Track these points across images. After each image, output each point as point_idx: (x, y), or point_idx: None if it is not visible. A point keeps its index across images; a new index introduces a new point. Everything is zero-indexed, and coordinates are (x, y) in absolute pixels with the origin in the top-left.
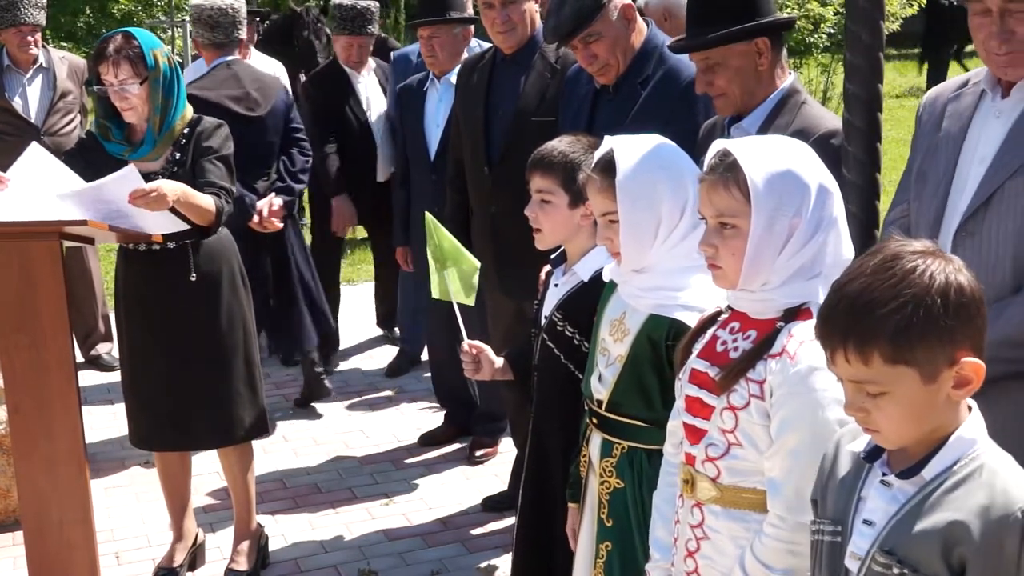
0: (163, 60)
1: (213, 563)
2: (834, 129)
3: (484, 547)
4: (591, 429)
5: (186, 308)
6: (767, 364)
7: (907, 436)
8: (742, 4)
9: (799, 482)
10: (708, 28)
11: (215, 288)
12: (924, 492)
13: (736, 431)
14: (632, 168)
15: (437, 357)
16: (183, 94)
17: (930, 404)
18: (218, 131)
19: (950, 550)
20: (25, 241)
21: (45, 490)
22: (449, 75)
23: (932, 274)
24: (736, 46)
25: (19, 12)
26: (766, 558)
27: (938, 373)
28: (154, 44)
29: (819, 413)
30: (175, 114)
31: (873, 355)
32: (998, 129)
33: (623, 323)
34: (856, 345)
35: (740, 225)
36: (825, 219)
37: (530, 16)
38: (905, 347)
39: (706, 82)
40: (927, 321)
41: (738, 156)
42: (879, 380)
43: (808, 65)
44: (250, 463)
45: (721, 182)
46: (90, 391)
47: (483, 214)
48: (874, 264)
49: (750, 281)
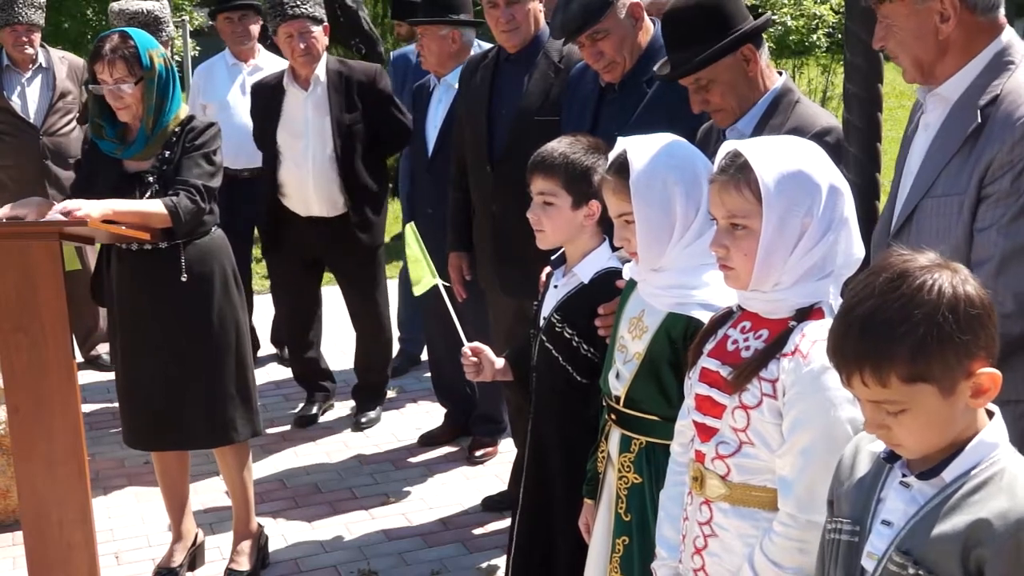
0: (159, 61)
1: (213, 563)
2: (828, 127)
3: (484, 547)
4: (610, 425)
5: (177, 308)
6: (780, 363)
7: (929, 446)
8: (717, 19)
9: (810, 481)
10: (689, 51)
11: (206, 288)
12: (944, 494)
13: (748, 430)
14: (645, 168)
15: (437, 357)
16: (178, 95)
17: (950, 415)
18: (207, 131)
19: (968, 553)
20: (25, 241)
21: (45, 490)
22: (448, 77)
23: (941, 289)
24: (723, 61)
25: (14, 11)
26: (776, 556)
27: (956, 386)
28: (150, 44)
29: (831, 412)
30: (168, 114)
31: (890, 377)
32: (923, 144)
33: (641, 321)
34: (872, 369)
35: (751, 226)
36: (836, 219)
37: (534, 15)
38: (922, 366)
39: (701, 101)
40: (941, 338)
41: (749, 157)
42: (898, 400)
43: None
44: (246, 463)
45: (732, 183)
46: (90, 391)
47: (485, 213)
48: (881, 283)
49: (762, 282)
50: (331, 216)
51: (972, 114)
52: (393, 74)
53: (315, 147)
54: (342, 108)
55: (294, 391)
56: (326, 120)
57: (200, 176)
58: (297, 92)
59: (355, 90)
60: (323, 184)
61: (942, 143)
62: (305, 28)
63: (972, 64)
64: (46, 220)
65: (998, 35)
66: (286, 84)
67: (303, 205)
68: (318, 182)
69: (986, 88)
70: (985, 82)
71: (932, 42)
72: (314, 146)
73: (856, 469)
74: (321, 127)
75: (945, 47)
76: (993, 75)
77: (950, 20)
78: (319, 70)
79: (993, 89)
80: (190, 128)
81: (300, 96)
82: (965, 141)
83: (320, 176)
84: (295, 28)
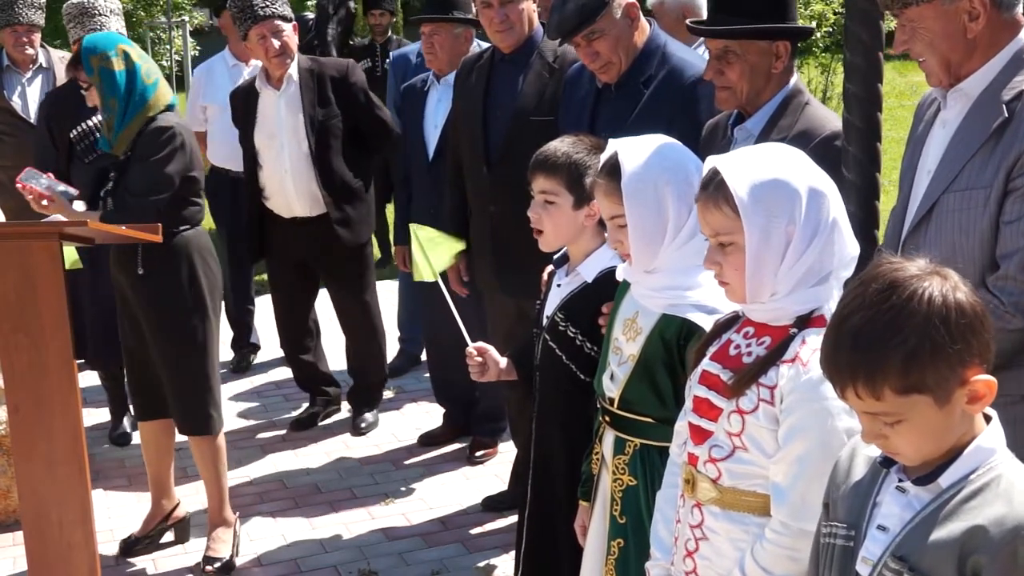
0: (100, 64)
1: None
2: (838, 131)
3: (484, 547)
4: (604, 427)
5: (139, 300)
6: (779, 369)
7: (928, 454)
8: (773, 3)
9: (804, 490)
10: (734, 18)
11: (167, 285)
12: (940, 500)
13: (742, 435)
14: (636, 170)
15: (437, 357)
16: (144, 94)
17: (947, 423)
18: (155, 139)
19: (964, 559)
20: (25, 241)
21: (45, 490)
22: (449, 77)
23: (931, 298)
24: (758, 43)
25: (14, 12)
26: (767, 563)
27: (951, 395)
28: (94, 50)
29: (828, 422)
30: (127, 115)
31: (884, 390)
32: (942, 140)
33: (636, 322)
34: (865, 382)
35: (737, 241)
36: (822, 222)
37: (528, 15)
38: (915, 377)
39: (717, 70)
40: (933, 350)
41: (723, 172)
42: (893, 411)
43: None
44: (216, 455)
45: (711, 201)
46: (90, 391)
47: (482, 214)
48: (871, 294)
49: (757, 294)
50: (313, 215)
51: (997, 109)
52: (393, 74)
53: (290, 145)
54: (315, 104)
55: (294, 391)
56: (299, 117)
57: (138, 190)
58: (270, 93)
59: (328, 86)
60: (301, 182)
61: (964, 138)
62: (277, 28)
63: (994, 61)
64: (46, 220)
65: (1018, 32)
66: (259, 87)
67: (285, 206)
68: (296, 180)
69: (1008, 83)
70: (1007, 78)
71: (961, 41)
72: (289, 145)
73: (852, 473)
74: (294, 125)
75: (974, 46)
76: (1015, 70)
77: (979, 18)
78: (291, 69)
79: (1017, 84)
80: (148, 131)
81: (273, 96)
82: (990, 136)
83: (298, 174)
84: (267, 28)
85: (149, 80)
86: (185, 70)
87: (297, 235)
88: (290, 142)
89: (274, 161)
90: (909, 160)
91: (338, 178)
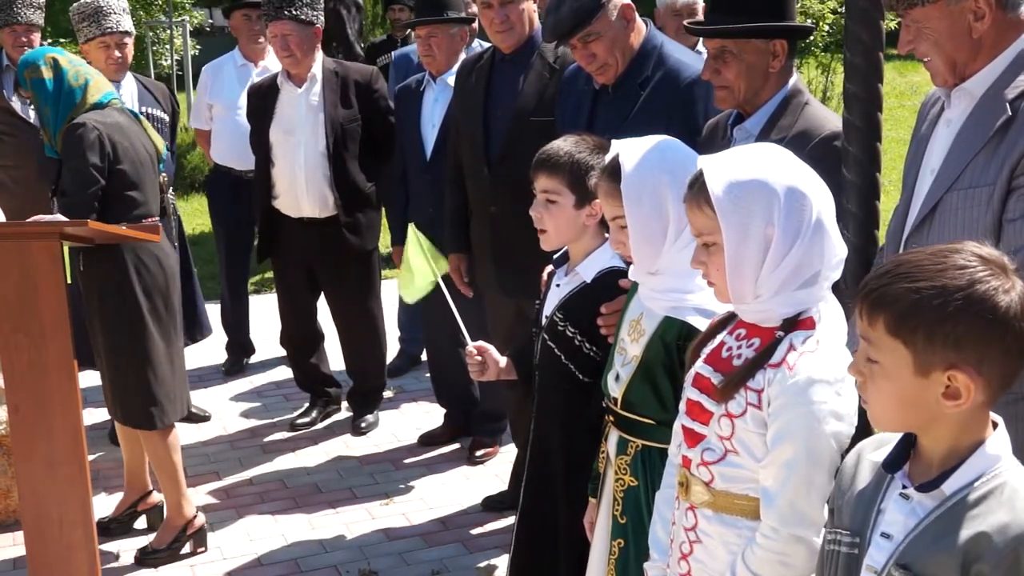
0: (31, 75)
1: (214, 563)
2: (838, 131)
3: (484, 547)
4: (609, 426)
5: (74, 303)
6: (766, 373)
7: (891, 420)
8: (769, 2)
9: (793, 494)
10: (732, 17)
11: (96, 280)
12: (944, 507)
13: (733, 438)
14: (636, 172)
15: (437, 357)
16: (71, 96)
17: (916, 398)
18: (68, 138)
19: (968, 567)
20: (25, 241)
21: (45, 490)
22: (445, 76)
23: (975, 280)
24: (755, 42)
25: (13, 11)
26: (758, 568)
27: (930, 370)
28: (25, 64)
29: (815, 426)
30: (59, 118)
31: (879, 320)
32: (946, 139)
33: (640, 324)
34: (871, 305)
35: (719, 241)
36: (804, 224)
37: (528, 16)
38: (908, 326)
39: (714, 70)
40: (939, 314)
41: (704, 171)
42: (877, 346)
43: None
44: (165, 450)
45: (694, 201)
46: (90, 391)
47: (482, 214)
48: (939, 248)
49: (740, 295)
50: (322, 217)
51: (1001, 107)
52: (394, 74)
53: (307, 143)
54: (336, 105)
55: (294, 391)
56: (320, 116)
57: (65, 190)
58: (292, 89)
59: (351, 90)
60: (314, 181)
61: (968, 136)
62: (288, 29)
63: (999, 60)
64: (46, 220)
65: (1023, 32)
66: (280, 83)
67: (294, 205)
68: (309, 178)
69: (1013, 82)
70: (1012, 76)
71: (967, 41)
72: (306, 142)
73: (857, 479)
74: (314, 123)
75: (979, 46)
76: (1020, 69)
77: (985, 18)
78: (315, 68)
79: (1021, 83)
80: (66, 131)
81: (295, 93)
82: (994, 134)
83: (311, 172)
84: (278, 29)
85: (77, 83)
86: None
87: (304, 236)
88: (307, 139)
89: (288, 158)
90: (912, 159)
91: (351, 181)
